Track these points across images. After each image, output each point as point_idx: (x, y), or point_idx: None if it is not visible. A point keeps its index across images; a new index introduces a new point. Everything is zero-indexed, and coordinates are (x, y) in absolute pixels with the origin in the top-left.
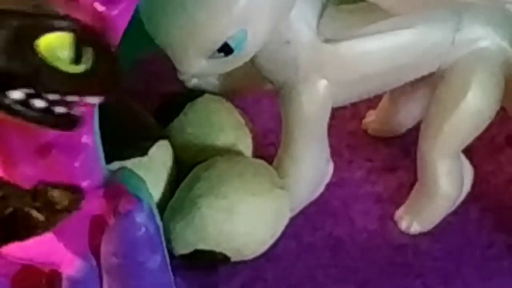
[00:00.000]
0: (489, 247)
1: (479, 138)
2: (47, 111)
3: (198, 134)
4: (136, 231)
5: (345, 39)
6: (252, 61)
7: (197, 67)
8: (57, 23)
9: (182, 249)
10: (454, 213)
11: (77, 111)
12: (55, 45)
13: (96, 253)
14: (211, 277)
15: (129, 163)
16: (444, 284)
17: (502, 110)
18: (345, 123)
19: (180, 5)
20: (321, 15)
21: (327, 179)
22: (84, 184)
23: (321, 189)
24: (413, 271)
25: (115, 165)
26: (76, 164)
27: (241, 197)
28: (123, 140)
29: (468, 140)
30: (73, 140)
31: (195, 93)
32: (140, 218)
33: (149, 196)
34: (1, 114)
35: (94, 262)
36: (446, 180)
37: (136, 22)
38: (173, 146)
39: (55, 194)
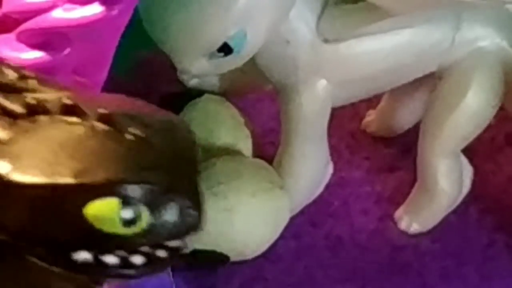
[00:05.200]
0: (489, 247)
1: (479, 138)
2: (123, 265)
3: (197, 134)
4: None
5: (344, 39)
6: (252, 61)
7: (197, 67)
8: (103, 190)
9: None
10: (454, 213)
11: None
12: (103, 212)
13: None
14: (211, 277)
15: None
16: (444, 284)
17: (502, 110)
18: (345, 123)
19: (180, 5)
20: (320, 15)
21: (327, 179)
22: None
23: (320, 189)
24: (413, 271)
25: None
26: None
27: (241, 197)
28: None
29: (468, 140)
30: None
31: (195, 93)
32: None
33: None
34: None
35: None
36: (446, 180)
37: (136, 22)
38: None
39: None
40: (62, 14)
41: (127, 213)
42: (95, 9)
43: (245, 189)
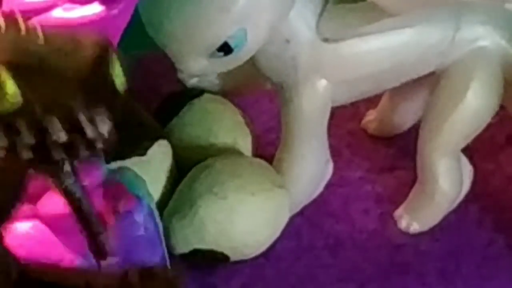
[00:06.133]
0: (489, 247)
1: (479, 138)
2: None
3: (197, 134)
4: (135, 230)
5: (344, 39)
6: (252, 60)
7: (197, 66)
8: None
9: (181, 249)
10: (454, 212)
11: None
12: None
13: None
14: (211, 277)
15: (128, 163)
16: (443, 283)
17: (502, 109)
18: (345, 122)
19: (180, 4)
20: (320, 14)
21: (326, 178)
22: (84, 183)
23: (320, 188)
24: (413, 271)
25: (115, 164)
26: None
27: (241, 197)
28: (122, 139)
29: (468, 139)
30: None
31: (195, 93)
32: (139, 217)
33: (148, 195)
34: None
35: (93, 261)
36: (446, 179)
37: (136, 22)
38: (173, 145)
39: None
40: (62, 14)
41: None
42: (95, 9)
43: (245, 188)
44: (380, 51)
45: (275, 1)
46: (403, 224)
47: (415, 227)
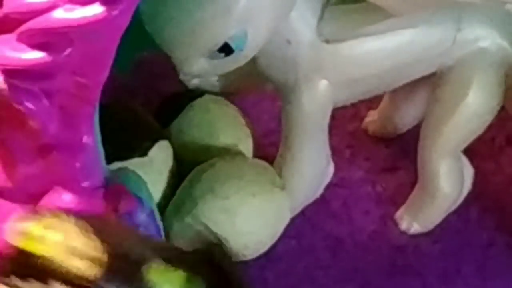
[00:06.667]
0: (489, 247)
1: (479, 138)
2: None
3: (198, 135)
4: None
5: (345, 39)
6: (253, 61)
7: (198, 67)
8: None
9: None
10: (454, 213)
11: None
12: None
13: None
14: None
15: (129, 164)
16: (444, 284)
17: (503, 110)
18: (346, 123)
19: (180, 5)
20: (321, 15)
21: (327, 179)
22: (85, 184)
23: (321, 189)
24: (413, 271)
25: (116, 165)
26: (77, 165)
27: (242, 198)
28: (123, 140)
29: (469, 140)
30: (74, 141)
31: (196, 93)
32: (140, 218)
33: (149, 196)
34: None
35: None
36: (447, 180)
37: (136, 22)
38: (173, 146)
39: None
40: (63, 15)
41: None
42: (96, 10)
43: (245, 189)
44: (380, 52)
45: (276, 2)
46: (403, 225)
47: (415, 228)
